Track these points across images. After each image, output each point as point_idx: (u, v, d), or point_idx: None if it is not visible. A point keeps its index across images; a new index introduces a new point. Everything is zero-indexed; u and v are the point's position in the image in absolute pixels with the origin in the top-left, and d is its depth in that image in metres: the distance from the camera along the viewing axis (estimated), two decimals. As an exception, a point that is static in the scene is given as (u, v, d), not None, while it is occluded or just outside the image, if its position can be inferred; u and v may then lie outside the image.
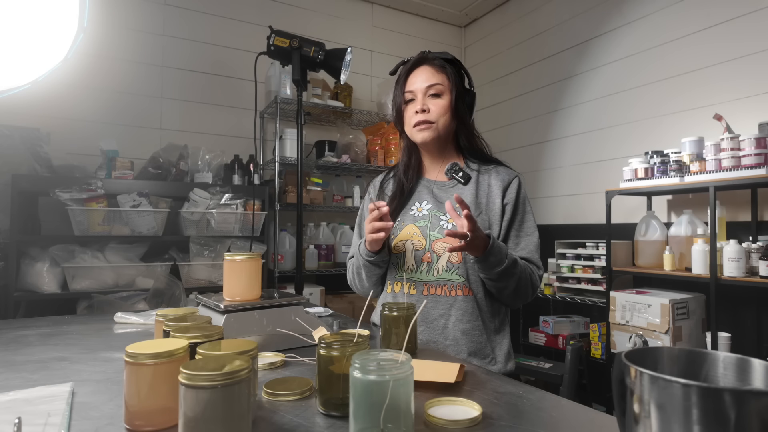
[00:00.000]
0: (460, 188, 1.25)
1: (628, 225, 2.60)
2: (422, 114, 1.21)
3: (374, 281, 1.28)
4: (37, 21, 0.80)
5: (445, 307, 1.17)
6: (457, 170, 1.23)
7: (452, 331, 1.15)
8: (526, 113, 3.43)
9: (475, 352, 1.15)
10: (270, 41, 1.75)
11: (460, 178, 1.23)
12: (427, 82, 1.22)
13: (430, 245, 1.19)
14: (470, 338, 1.15)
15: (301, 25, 3.28)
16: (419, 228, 1.22)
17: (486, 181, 1.25)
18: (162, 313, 0.93)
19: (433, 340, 1.16)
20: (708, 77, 2.37)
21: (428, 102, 1.22)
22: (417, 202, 1.27)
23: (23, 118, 2.40)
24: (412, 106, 1.24)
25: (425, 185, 1.30)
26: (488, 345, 1.17)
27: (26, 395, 0.71)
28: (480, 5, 3.75)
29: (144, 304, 2.31)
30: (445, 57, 1.26)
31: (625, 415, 0.47)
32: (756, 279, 1.89)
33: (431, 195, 1.27)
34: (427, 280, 1.18)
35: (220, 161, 2.81)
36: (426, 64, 1.25)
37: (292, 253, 2.93)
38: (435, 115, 1.22)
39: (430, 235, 1.20)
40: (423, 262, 1.19)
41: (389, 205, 1.24)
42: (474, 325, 1.16)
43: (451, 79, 1.24)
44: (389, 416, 0.55)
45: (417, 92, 1.23)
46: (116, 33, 2.78)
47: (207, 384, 0.51)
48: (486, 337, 1.17)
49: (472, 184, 1.25)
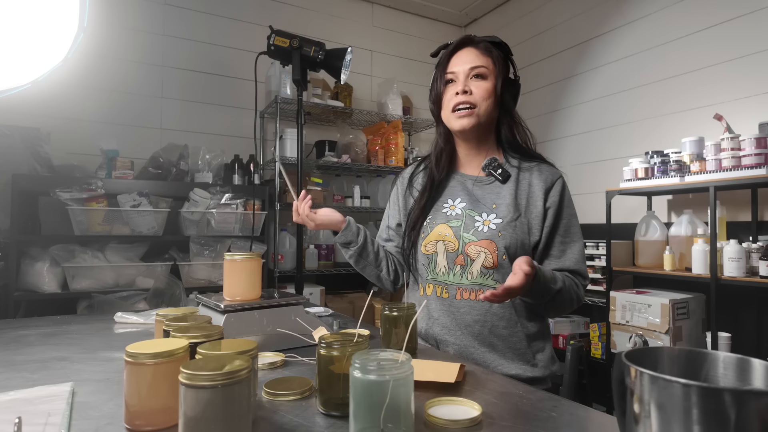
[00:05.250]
0: (498, 186, 1.15)
1: (628, 225, 2.60)
2: (463, 95, 1.11)
3: (375, 270, 1.25)
4: (37, 21, 0.80)
5: (480, 312, 1.09)
6: (496, 166, 1.15)
7: (489, 337, 1.09)
8: (526, 113, 3.38)
9: (513, 358, 1.09)
10: (270, 41, 1.74)
11: (499, 175, 1.14)
12: (471, 64, 1.12)
13: (464, 248, 1.10)
14: (507, 344, 1.09)
15: (302, 25, 3.28)
16: (452, 228, 1.13)
17: (527, 180, 1.15)
18: (162, 312, 0.93)
19: (471, 344, 1.09)
20: (708, 77, 2.36)
21: (471, 84, 1.12)
22: (450, 199, 1.18)
23: (23, 117, 2.40)
24: (452, 87, 1.14)
25: (459, 180, 1.20)
26: (528, 350, 1.10)
27: (26, 395, 0.71)
28: (480, 5, 3.75)
29: (144, 303, 2.31)
30: (492, 40, 1.16)
31: (625, 415, 0.47)
32: (756, 279, 1.89)
33: (466, 192, 1.17)
34: (461, 284, 1.11)
35: (220, 161, 2.81)
36: (471, 46, 1.15)
37: (292, 252, 2.92)
38: (478, 98, 1.11)
39: (464, 237, 1.11)
40: (456, 265, 1.11)
41: (419, 200, 1.21)
42: (512, 331, 1.09)
43: (496, 64, 1.13)
44: (389, 416, 0.55)
45: (459, 74, 1.13)
46: (116, 33, 2.78)
47: (207, 384, 0.51)
48: (526, 343, 1.10)
49: (512, 183, 1.14)
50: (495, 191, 1.15)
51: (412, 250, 1.20)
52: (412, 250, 1.20)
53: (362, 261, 1.25)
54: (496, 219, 1.10)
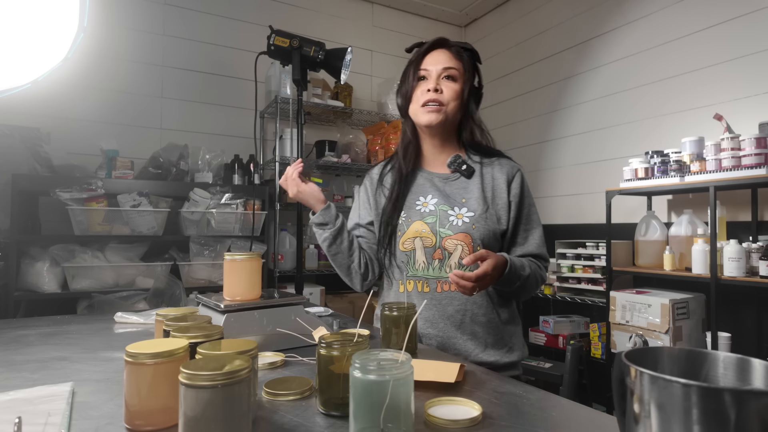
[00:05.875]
0: (465, 181, 1.22)
1: (628, 225, 2.60)
2: (434, 93, 1.17)
3: (347, 260, 1.24)
4: (37, 21, 0.80)
5: (461, 302, 1.15)
6: (460, 163, 1.22)
7: (470, 326, 1.15)
8: (526, 113, 3.43)
9: (494, 343, 1.16)
10: (270, 41, 1.74)
11: (464, 171, 1.21)
12: (444, 64, 1.19)
13: (441, 242, 1.17)
14: (487, 330, 1.16)
15: (302, 25, 3.28)
16: (428, 225, 1.18)
17: (490, 174, 1.23)
18: (162, 312, 0.93)
19: (453, 335, 1.15)
20: (708, 77, 2.36)
21: (442, 83, 1.19)
22: (421, 197, 1.23)
23: (23, 117, 2.40)
24: (423, 84, 1.20)
25: (427, 177, 1.26)
26: (505, 335, 1.19)
27: (26, 395, 0.71)
28: (480, 5, 3.75)
29: (144, 303, 2.31)
30: (464, 46, 1.24)
31: (625, 415, 0.47)
32: (756, 279, 1.89)
33: (435, 188, 1.23)
34: (440, 277, 1.17)
35: (220, 161, 2.81)
36: (444, 48, 1.22)
37: (292, 252, 2.93)
38: (447, 98, 1.18)
39: (440, 232, 1.17)
40: (434, 259, 1.17)
41: (389, 195, 1.25)
42: (490, 318, 1.17)
43: (466, 69, 1.21)
44: (389, 416, 0.55)
45: (432, 72, 1.19)
46: (116, 33, 2.78)
47: (207, 384, 0.51)
48: (502, 327, 1.18)
49: (477, 178, 1.22)
50: (462, 186, 1.22)
51: (388, 249, 1.23)
52: (388, 249, 1.23)
53: (335, 246, 1.25)
54: (468, 213, 1.17)
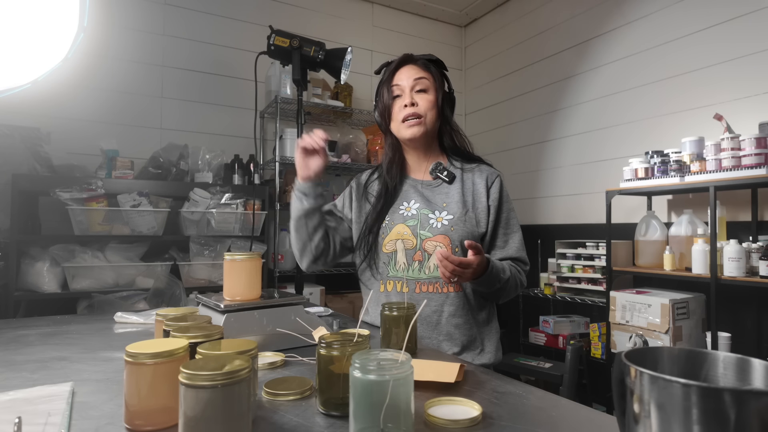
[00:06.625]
0: (446, 187, 1.28)
1: (628, 225, 2.60)
2: (411, 107, 1.23)
3: (306, 237, 1.23)
4: (37, 21, 0.80)
5: (438, 303, 1.20)
6: (441, 169, 1.27)
7: (446, 326, 1.19)
8: (526, 113, 3.43)
9: (467, 344, 1.20)
10: (270, 41, 1.75)
11: (445, 177, 1.26)
12: (414, 76, 1.25)
13: (421, 244, 1.21)
14: (462, 332, 1.20)
15: (302, 25, 3.28)
16: (409, 227, 1.23)
17: (470, 179, 1.28)
18: (162, 312, 0.93)
19: (428, 335, 1.19)
20: (708, 77, 2.36)
21: (416, 97, 1.24)
22: (405, 202, 1.28)
23: (23, 117, 2.40)
24: (399, 101, 1.26)
25: (411, 185, 1.31)
26: (478, 337, 1.22)
27: (26, 395, 0.71)
28: (480, 5, 3.75)
29: (144, 303, 2.31)
30: (429, 58, 1.30)
31: (625, 415, 0.47)
32: (756, 279, 1.89)
33: (419, 194, 1.28)
34: (419, 278, 1.21)
35: (220, 161, 2.81)
36: (411, 63, 1.28)
37: (292, 252, 2.92)
38: (423, 109, 1.23)
39: (421, 234, 1.22)
40: (414, 260, 1.21)
41: (375, 205, 1.28)
42: (466, 319, 1.20)
43: (435, 79, 1.27)
44: (389, 416, 0.55)
45: (404, 87, 1.25)
46: (116, 33, 2.78)
47: (207, 384, 0.51)
48: (477, 329, 1.22)
49: (458, 183, 1.27)
50: (444, 191, 1.28)
51: (371, 251, 1.26)
52: (371, 251, 1.26)
53: (303, 219, 1.23)
54: (447, 216, 1.22)
